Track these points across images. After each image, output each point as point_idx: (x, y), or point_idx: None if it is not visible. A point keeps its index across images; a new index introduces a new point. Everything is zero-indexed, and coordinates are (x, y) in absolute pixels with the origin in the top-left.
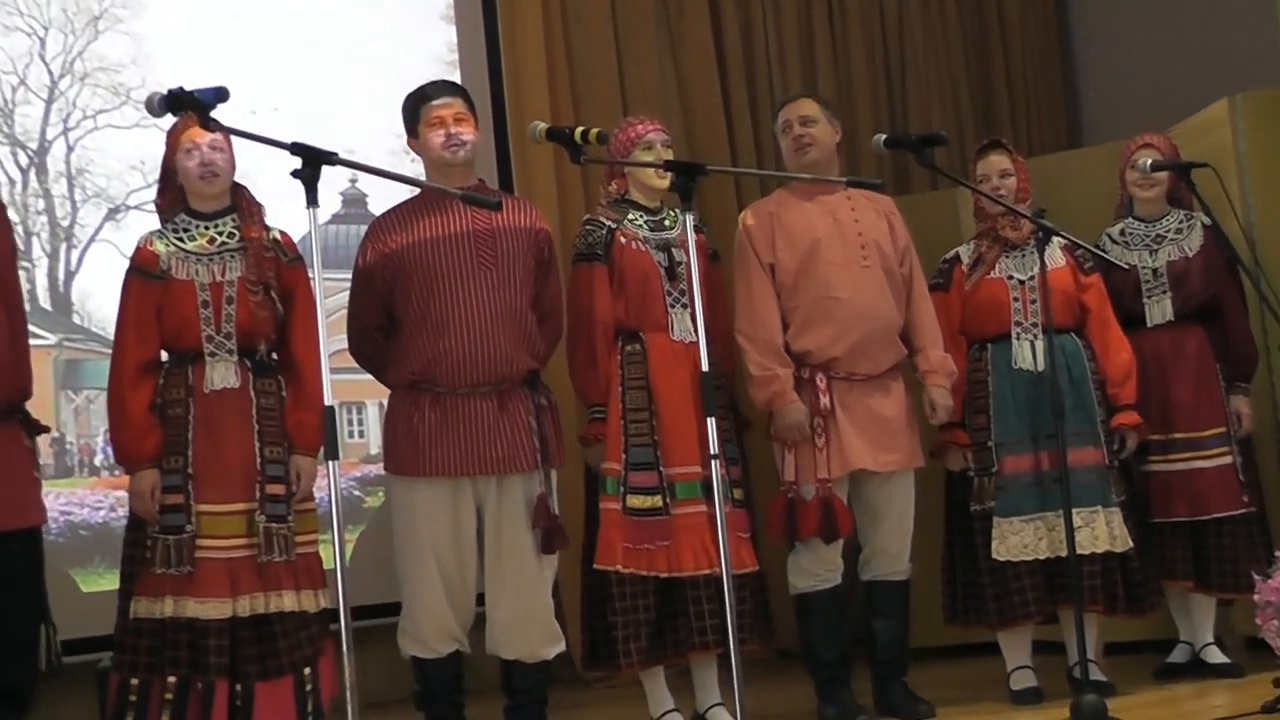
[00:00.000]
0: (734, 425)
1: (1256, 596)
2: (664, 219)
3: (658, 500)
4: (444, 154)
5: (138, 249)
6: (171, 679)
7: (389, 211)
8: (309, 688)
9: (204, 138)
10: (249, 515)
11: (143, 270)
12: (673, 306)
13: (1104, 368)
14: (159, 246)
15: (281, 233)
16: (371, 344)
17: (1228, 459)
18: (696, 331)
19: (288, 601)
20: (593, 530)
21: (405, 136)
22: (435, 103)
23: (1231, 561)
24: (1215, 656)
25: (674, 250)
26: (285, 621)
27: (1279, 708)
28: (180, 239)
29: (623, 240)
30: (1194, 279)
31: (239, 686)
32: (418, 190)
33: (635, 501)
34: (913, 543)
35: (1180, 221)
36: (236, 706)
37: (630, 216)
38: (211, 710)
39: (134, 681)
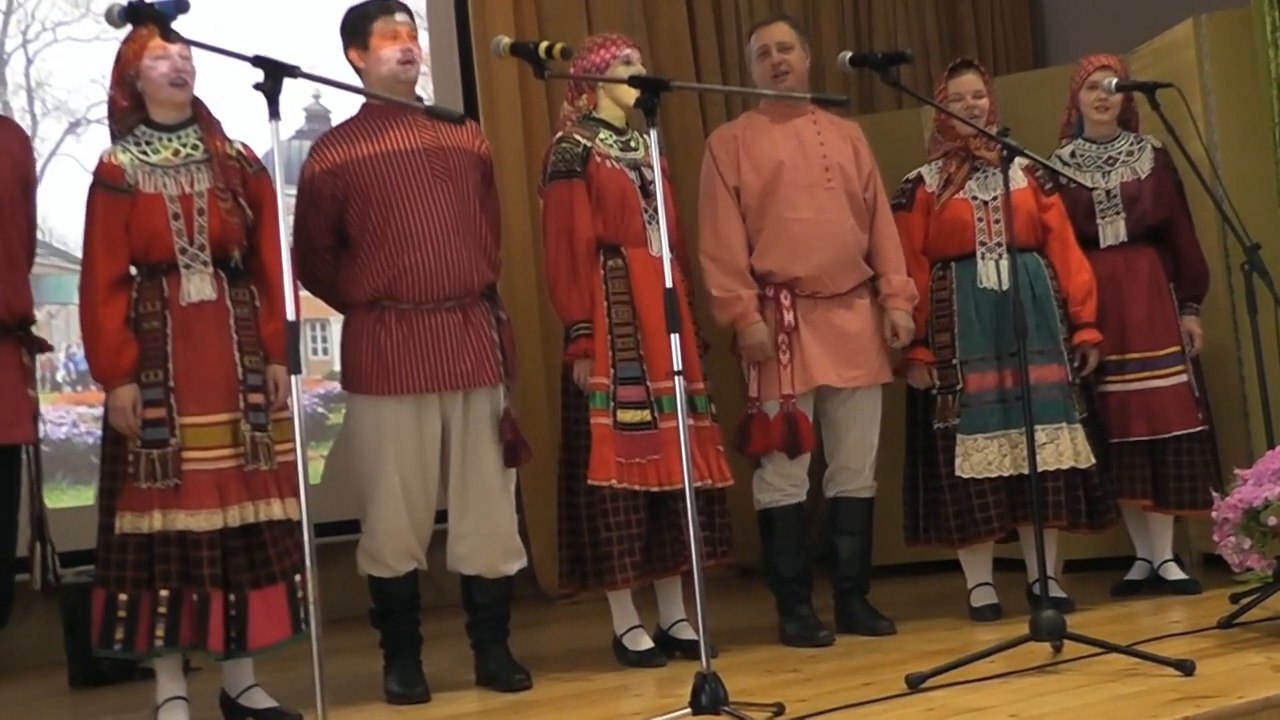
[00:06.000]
0: (702, 342)
1: (1214, 513)
2: (629, 140)
3: (646, 414)
4: (398, 69)
5: (101, 163)
6: (164, 592)
7: (332, 130)
8: (300, 594)
9: (173, 46)
10: (233, 425)
11: (108, 184)
12: (650, 222)
13: (1065, 287)
14: (122, 159)
15: (244, 145)
16: (321, 265)
17: (1183, 377)
18: (663, 249)
19: (276, 509)
20: (572, 446)
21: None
22: (395, 17)
23: (1189, 479)
24: (1173, 573)
25: (643, 169)
26: (273, 529)
27: (1235, 623)
28: (144, 152)
29: (598, 158)
30: (1147, 200)
31: (232, 596)
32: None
33: (625, 416)
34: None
35: (1131, 144)
36: (231, 616)
37: (601, 135)
38: (209, 621)
39: (122, 597)
